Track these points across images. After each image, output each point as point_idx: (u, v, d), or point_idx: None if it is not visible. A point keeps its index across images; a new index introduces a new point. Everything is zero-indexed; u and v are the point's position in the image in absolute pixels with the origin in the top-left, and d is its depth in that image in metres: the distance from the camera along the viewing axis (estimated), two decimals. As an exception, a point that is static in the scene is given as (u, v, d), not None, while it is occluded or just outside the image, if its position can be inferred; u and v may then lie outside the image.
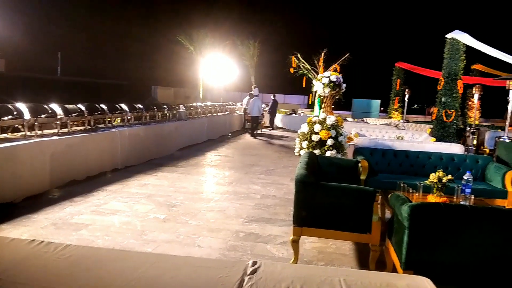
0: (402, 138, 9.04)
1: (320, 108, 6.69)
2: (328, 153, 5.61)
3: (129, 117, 8.30)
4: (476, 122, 16.75)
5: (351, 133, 10.17)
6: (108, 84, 20.22)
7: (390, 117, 17.96)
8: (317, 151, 5.66)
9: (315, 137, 5.66)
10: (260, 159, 9.46)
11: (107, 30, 26.07)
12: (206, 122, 12.29)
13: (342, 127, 5.98)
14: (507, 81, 9.47)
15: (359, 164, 5.36)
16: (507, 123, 9.94)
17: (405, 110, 16.81)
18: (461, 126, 14.62)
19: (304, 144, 5.77)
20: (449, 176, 4.20)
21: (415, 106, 25.96)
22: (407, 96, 16.32)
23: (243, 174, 7.60)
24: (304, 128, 5.89)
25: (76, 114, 6.77)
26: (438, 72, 10.80)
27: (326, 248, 4.18)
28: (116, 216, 4.79)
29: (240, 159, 9.41)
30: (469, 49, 10.15)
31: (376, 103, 20.83)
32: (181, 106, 10.91)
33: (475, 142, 12.21)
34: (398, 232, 3.02)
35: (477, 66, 16.29)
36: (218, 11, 23.47)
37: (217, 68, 17.76)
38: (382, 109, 21.30)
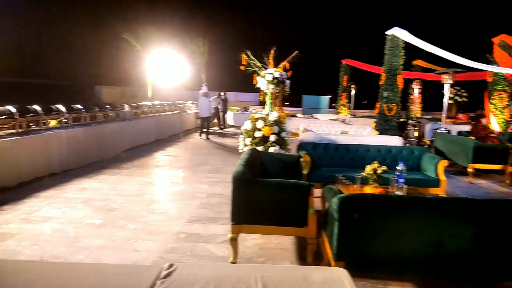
0: (346, 133, 9.28)
1: (271, 104, 6.71)
2: (271, 149, 5.63)
3: (66, 119, 7.87)
4: (418, 115, 17.64)
5: (298, 129, 10.33)
6: (47, 84, 19.15)
7: (339, 113, 18.45)
8: (260, 148, 5.66)
9: (258, 134, 5.65)
10: (209, 158, 9.35)
11: (47, 27, 24.69)
12: (154, 122, 11.98)
13: (285, 123, 6.02)
14: (442, 76, 10.02)
15: (301, 159, 5.43)
16: (444, 115, 10.53)
17: (352, 105, 17.34)
18: (403, 119, 15.32)
19: (248, 141, 5.75)
20: (384, 168, 4.34)
21: (365, 101, 26.82)
22: (353, 91, 16.84)
23: (190, 174, 7.47)
24: (247, 125, 5.87)
25: (5, 116, 6.32)
26: (380, 68, 11.20)
27: (268, 244, 4.17)
28: (48, 224, 4.51)
29: (189, 159, 9.25)
30: (410, 46, 10.62)
31: (325, 99, 21.35)
32: (125, 105, 10.54)
33: (416, 134, 12.83)
34: (330, 224, 3.05)
35: (418, 62, 17.13)
36: (165, 7, 22.93)
37: (166, 66, 17.37)
38: (334, 105, 21.88)
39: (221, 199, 5.77)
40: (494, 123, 12.04)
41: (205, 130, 13.06)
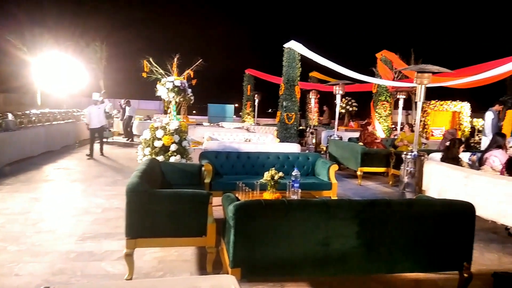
0: (249, 141, 9.52)
1: (177, 113, 6.58)
2: (172, 159, 5.52)
3: None
4: (315, 123, 18.88)
5: (203, 137, 10.30)
6: None
7: (244, 121, 18.89)
8: (160, 158, 5.51)
9: (157, 143, 5.50)
10: (107, 170, 8.82)
11: None
12: (44, 132, 10.92)
13: (186, 132, 5.96)
14: (334, 87, 10.88)
15: (203, 168, 5.42)
16: (336, 123, 11.42)
17: (256, 114, 17.91)
18: (303, 127, 16.28)
19: (147, 151, 5.56)
20: (280, 174, 4.55)
21: (270, 110, 27.83)
22: (256, 100, 17.41)
23: (85, 187, 6.95)
24: (147, 134, 5.68)
25: None
26: (280, 78, 11.75)
27: (168, 257, 4.06)
28: None
29: (83, 171, 8.61)
30: (307, 58, 11.33)
31: (231, 107, 21.73)
32: (9, 114, 9.44)
33: (314, 141, 13.69)
34: (227, 231, 3.08)
35: (314, 74, 18.38)
36: (56, 8, 21.20)
37: (58, 71, 15.99)
38: (241, 113, 22.34)
39: (119, 213, 5.47)
40: (379, 130, 13.42)
41: (98, 142, 10.85)
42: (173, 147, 5.52)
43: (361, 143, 9.38)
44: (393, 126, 14.28)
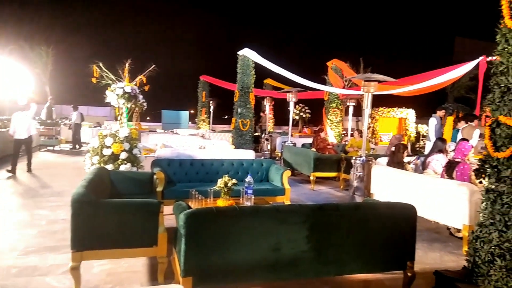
0: (204, 147, 9.46)
1: (129, 120, 6.40)
2: (122, 167, 5.36)
3: None
4: (271, 130, 19.10)
5: (156, 145, 10.10)
6: None
7: (199, 128, 18.74)
8: (110, 166, 5.34)
9: (106, 151, 5.32)
10: (53, 179, 8.40)
11: None
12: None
13: (137, 139, 5.82)
14: (287, 94, 11.09)
15: (155, 176, 5.31)
16: (290, 129, 11.63)
17: (211, 120, 17.83)
18: (258, 134, 16.42)
19: (95, 159, 5.36)
20: (234, 181, 4.55)
21: (226, 116, 27.78)
22: (212, 107, 17.36)
23: (28, 199, 6.57)
24: (95, 142, 5.48)
25: None
26: (235, 85, 11.81)
27: (117, 269, 3.93)
28: None
29: (27, 181, 8.14)
30: (262, 65, 11.47)
31: (185, 114, 21.47)
32: None
33: (269, 147, 13.85)
34: (179, 240, 3.04)
35: (268, 81, 18.64)
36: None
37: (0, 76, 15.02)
38: (196, 120, 22.10)
39: (65, 224, 5.21)
40: (331, 136, 13.83)
41: (24, 155, 9.41)
42: (123, 155, 5.37)
43: (314, 149, 9.62)
44: (344, 132, 14.77)
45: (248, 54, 10.88)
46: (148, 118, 27.89)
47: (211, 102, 17.59)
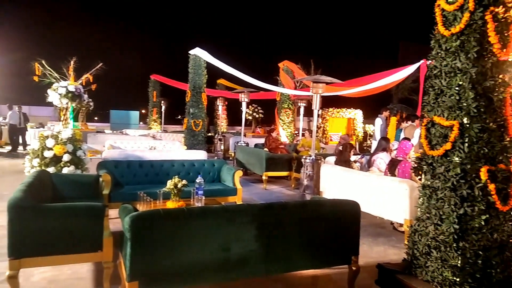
0: (154, 148, 9.26)
1: (75, 120, 6.10)
2: (65, 170, 5.12)
3: None
4: (224, 130, 19.08)
5: (104, 146, 9.75)
6: None
7: (150, 128, 18.32)
8: (52, 169, 5.08)
9: (48, 154, 5.06)
10: (-10, 184, 7.84)
11: None
12: None
13: (81, 141, 5.58)
14: (240, 94, 11.13)
15: (101, 179, 5.13)
16: (242, 129, 11.68)
17: (162, 121, 17.50)
18: (211, 134, 16.33)
19: (35, 162, 5.07)
20: (184, 182, 4.50)
21: (179, 117, 27.33)
22: (163, 107, 17.03)
23: (-40, 205, 6.07)
24: (35, 144, 5.19)
25: None
26: (187, 85, 11.66)
27: (60, 276, 3.75)
28: None
29: (-41, 187, 7.53)
30: (215, 65, 11.40)
31: (135, 114, 20.92)
32: None
33: (222, 147, 13.81)
34: (124, 244, 2.96)
35: (221, 81, 18.60)
36: None
37: None
38: (147, 120, 21.52)
39: (3, 231, 4.88)
40: (283, 135, 14.05)
41: None
42: (66, 157, 5.12)
43: (266, 149, 9.73)
44: (296, 132, 15.07)
45: (200, 54, 10.79)
46: (96, 118, 26.87)
47: (162, 102, 17.26)
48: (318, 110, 7.00)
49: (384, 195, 5.26)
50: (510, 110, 3.04)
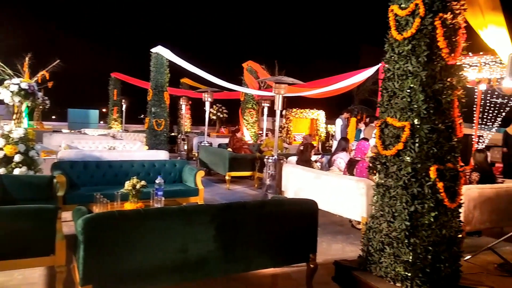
0: (114, 149, 9.01)
1: (30, 119, 5.82)
2: (16, 171, 4.88)
3: None
4: (188, 130, 18.88)
5: (60, 146, 9.38)
6: None
7: (110, 127, 17.83)
8: (2, 170, 4.83)
9: (-3, 154, 4.80)
10: None
11: None
12: None
13: (35, 141, 5.35)
14: (203, 94, 11.06)
15: (55, 180, 4.93)
16: (206, 129, 11.61)
17: (123, 120, 17.08)
18: (175, 134, 16.12)
19: (-17, 162, 4.81)
20: (143, 182, 4.40)
21: (142, 116, 26.73)
22: (124, 106, 16.63)
23: None
24: (-17, 143, 4.92)
25: None
26: (148, 83, 11.44)
27: (10, 281, 3.58)
28: None
29: None
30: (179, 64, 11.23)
31: (95, 113, 20.27)
32: None
33: (186, 147, 13.66)
34: (78, 247, 2.86)
35: (185, 80, 18.39)
36: None
37: None
38: (107, 119, 20.88)
39: None
40: (247, 135, 14.09)
41: None
42: (18, 158, 4.88)
43: (230, 149, 9.73)
44: (260, 132, 15.15)
45: (162, 52, 10.62)
46: (54, 117, 25.78)
47: (123, 100, 16.85)
48: (282, 111, 7.09)
49: (343, 194, 5.39)
50: (458, 112, 3.21)
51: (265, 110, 13.49)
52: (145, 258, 2.88)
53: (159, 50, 10.62)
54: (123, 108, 16.82)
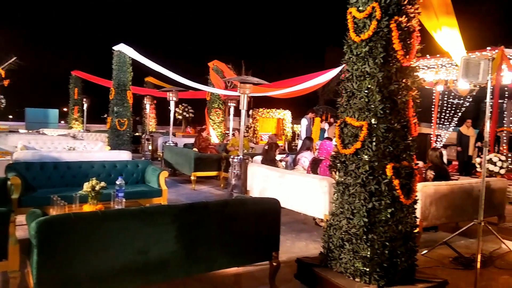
0: (74, 149, 8.72)
1: None
2: (-35, 173, 4.62)
3: None
4: (153, 130, 18.56)
5: (16, 147, 8.97)
6: None
7: (71, 127, 17.23)
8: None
9: None
10: None
11: None
12: None
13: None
14: (168, 93, 10.91)
15: (9, 182, 4.72)
16: (171, 129, 11.46)
17: (85, 120, 16.57)
18: (139, 134, 15.80)
19: None
20: (102, 184, 4.30)
21: (106, 115, 25.98)
22: (85, 105, 16.14)
23: None
24: None
25: None
26: (111, 82, 11.15)
27: (-43, 291, 3.38)
28: None
29: None
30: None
31: (54, 112, 19.51)
32: None
33: (150, 148, 13.42)
34: (32, 251, 2.75)
35: (149, 79, 18.04)
36: None
37: None
38: (68, 119, 20.11)
39: None
40: (214, 135, 14.02)
41: None
42: (-32, 159, 4.63)
43: (195, 149, 9.64)
44: (227, 132, 15.11)
45: (124, 50, 10.38)
46: (10, 117, 24.62)
47: (84, 99, 16.33)
48: (249, 110, 7.12)
49: (306, 193, 5.47)
50: (412, 112, 3.34)
51: (232, 110, 13.46)
52: (104, 261, 2.81)
53: (122, 48, 10.37)
54: (85, 108, 16.30)
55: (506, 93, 10.81)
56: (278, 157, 6.91)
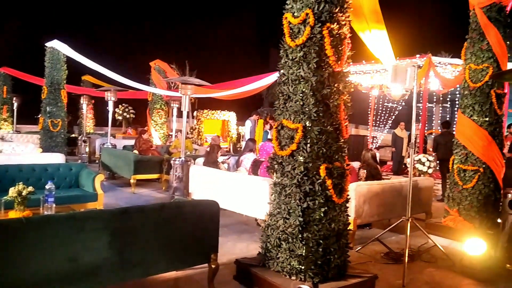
0: (1, 151, 8.11)
1: None
2: None
3: None
4: (91, 131, 17.71)
5: None
6: None
7: (0, 128, 15.95)
8: None
9: None
10: None
11: None
12: None
13: None
14: (106, 93, 10.48)
15: None
16: (109, 130, 11.02)
17: (15, 120, 15.46)
18: (75, 135, 15.01)
19: None
20: (30, 189, 4.05)
21: (40, 115, 24.31)
22: (15, 104, 15.07)
23: None
24: None
25: None
26: (43, 80, 10.47)
27: None
28: None
29: None
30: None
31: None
32: None
33: (88, 150, 12.80)
34: None
35: (87, 77, 17.19)
36: None
37: None
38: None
39: None
40: (156, 137, 13.70)
41: None
42: None
43: (136, 151, 9.35)
44: (170, 133, 14.81)
45: (58, 47, 9.80)
46: None
47: (14, 98, 15.22)
48: (193, 112, 7.03)
49: (248, 194, 5.52)
50: (344, 115, 3.50)
51: (175, 111, 13.24)
52: (29, 271, 2.64)
53: (55, 44, 9.79)
54: (15, 107, 15.18)
55: (435, 97, 11.67)
56: (220, 158, 6.90)
